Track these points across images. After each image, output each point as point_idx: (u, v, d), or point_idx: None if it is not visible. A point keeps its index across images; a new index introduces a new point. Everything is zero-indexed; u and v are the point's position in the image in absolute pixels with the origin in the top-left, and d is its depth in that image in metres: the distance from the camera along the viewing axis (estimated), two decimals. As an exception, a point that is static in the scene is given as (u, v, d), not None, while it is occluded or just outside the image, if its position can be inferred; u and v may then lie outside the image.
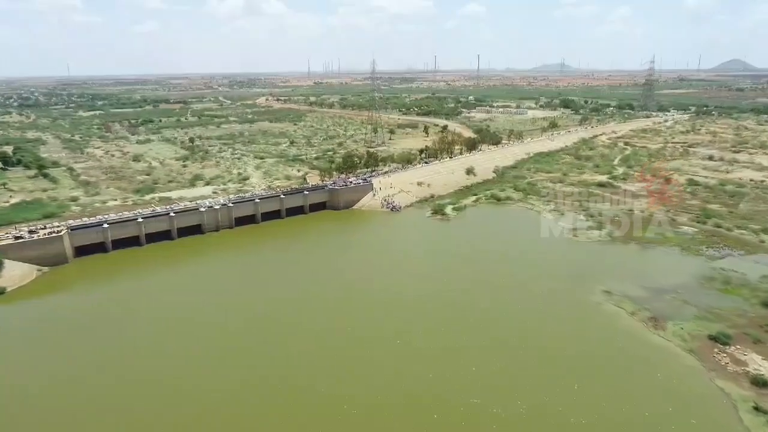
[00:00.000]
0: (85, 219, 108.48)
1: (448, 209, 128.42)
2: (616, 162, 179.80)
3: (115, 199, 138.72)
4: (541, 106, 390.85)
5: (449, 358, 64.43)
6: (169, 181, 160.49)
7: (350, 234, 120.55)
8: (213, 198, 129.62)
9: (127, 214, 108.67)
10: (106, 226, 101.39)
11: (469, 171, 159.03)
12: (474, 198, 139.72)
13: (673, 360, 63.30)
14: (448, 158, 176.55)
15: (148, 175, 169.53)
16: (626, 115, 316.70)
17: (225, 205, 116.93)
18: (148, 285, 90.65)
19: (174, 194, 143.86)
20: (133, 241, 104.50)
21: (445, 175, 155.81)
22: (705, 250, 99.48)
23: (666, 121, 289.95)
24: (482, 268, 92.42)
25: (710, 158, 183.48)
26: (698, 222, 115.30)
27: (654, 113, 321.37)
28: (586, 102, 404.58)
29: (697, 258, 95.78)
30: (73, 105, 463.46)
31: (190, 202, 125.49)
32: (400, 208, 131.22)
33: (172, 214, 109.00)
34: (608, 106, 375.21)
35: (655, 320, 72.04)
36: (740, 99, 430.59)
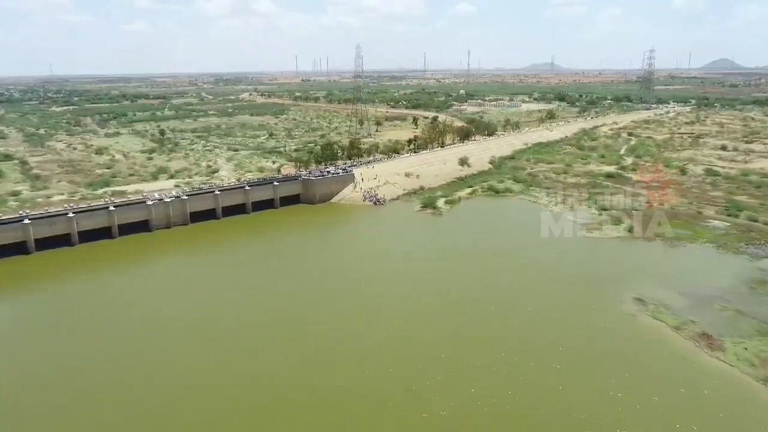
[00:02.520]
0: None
1: (440, 202, 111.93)
2: (622, 152, 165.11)
3: (62, 194, 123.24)
4: (535, 99, 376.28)
5: (453, 395, 47.96)
6: (130, 175, 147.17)
7: (326, 231, 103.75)
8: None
9: (54, 209, 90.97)
10: (27, 222, 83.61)
11: (463, 161, 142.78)
12: (469, 190, 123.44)
13: (745, 395, 47.12)
14: (439, 148, 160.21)
15: (108, 168, 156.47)
16: (625, 107, 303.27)
17: (178, 197, 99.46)
18: (74, 292, 73.38)
19: (131, 188, 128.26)
20: (62, 241, 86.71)
21: (436, 165, 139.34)
22: (745, 247, 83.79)
23: (668, 112, 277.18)
24: (483, 271, 75.96)
25: (723, 148, 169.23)
26: (728, 215, 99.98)
27: (654, 105, 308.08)
28: (580, 96, 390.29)
29: (737, 257, 79.96)
30: (48, 101, 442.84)
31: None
32: (384, 201, 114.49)
33: (111, 208, 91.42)
34: (605, 99, 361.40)
35: (708, 338, 55.92)
36: (735, 94, 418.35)
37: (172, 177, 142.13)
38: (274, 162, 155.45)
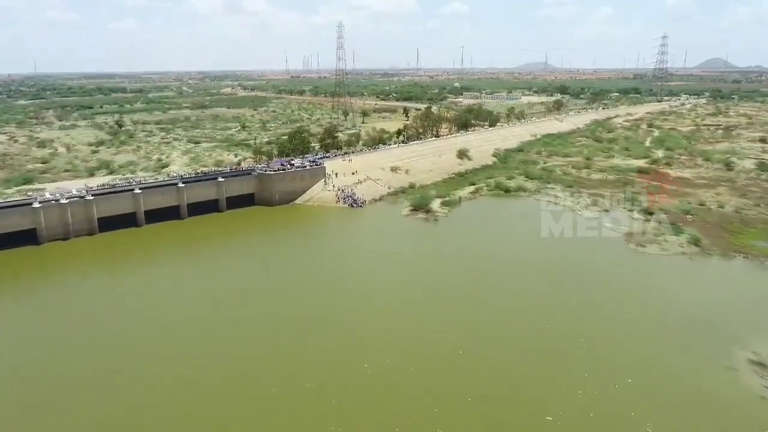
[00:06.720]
0: None
1: (436, 204, 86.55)
2: (648, 144, 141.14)
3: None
4: (535, 92, 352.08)
5: None
6: (66, 170, 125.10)
7: (282, 246, 77.46)
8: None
9: None
10: None
11: (462, 154, 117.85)
12: (472, 188, 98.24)
13: None
14: (433, 138, 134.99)
15: (44, 162, 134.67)
16: (634, 100, 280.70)
17: (81, 197, 73.40)
18: None
19: (56, 185, 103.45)
20: None
21: (429, 158, 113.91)
22: None
23: (683, 104, 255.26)
24: (506, 313, 50.82)
25: (763, 140, 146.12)
26: (817, 221, 75.85)
27: (665, 98, 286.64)
28: (583, 89, 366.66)
29: None
30: (17, 94, 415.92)
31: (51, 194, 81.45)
32: (363, 202, 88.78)
33: (-23, 212, 65.54)
34: (611, 91, 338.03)
35: None
36: (748, 88, 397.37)
37: (112, 172, 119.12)
38: (236, 155, 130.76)
